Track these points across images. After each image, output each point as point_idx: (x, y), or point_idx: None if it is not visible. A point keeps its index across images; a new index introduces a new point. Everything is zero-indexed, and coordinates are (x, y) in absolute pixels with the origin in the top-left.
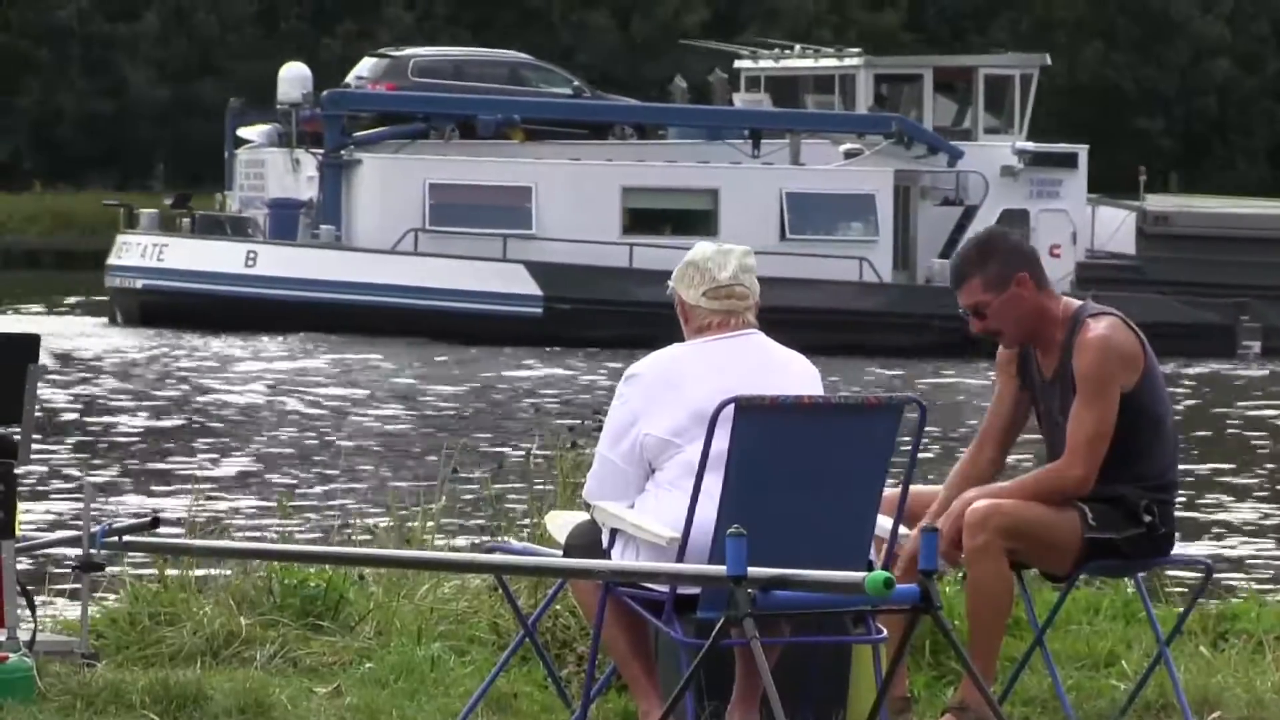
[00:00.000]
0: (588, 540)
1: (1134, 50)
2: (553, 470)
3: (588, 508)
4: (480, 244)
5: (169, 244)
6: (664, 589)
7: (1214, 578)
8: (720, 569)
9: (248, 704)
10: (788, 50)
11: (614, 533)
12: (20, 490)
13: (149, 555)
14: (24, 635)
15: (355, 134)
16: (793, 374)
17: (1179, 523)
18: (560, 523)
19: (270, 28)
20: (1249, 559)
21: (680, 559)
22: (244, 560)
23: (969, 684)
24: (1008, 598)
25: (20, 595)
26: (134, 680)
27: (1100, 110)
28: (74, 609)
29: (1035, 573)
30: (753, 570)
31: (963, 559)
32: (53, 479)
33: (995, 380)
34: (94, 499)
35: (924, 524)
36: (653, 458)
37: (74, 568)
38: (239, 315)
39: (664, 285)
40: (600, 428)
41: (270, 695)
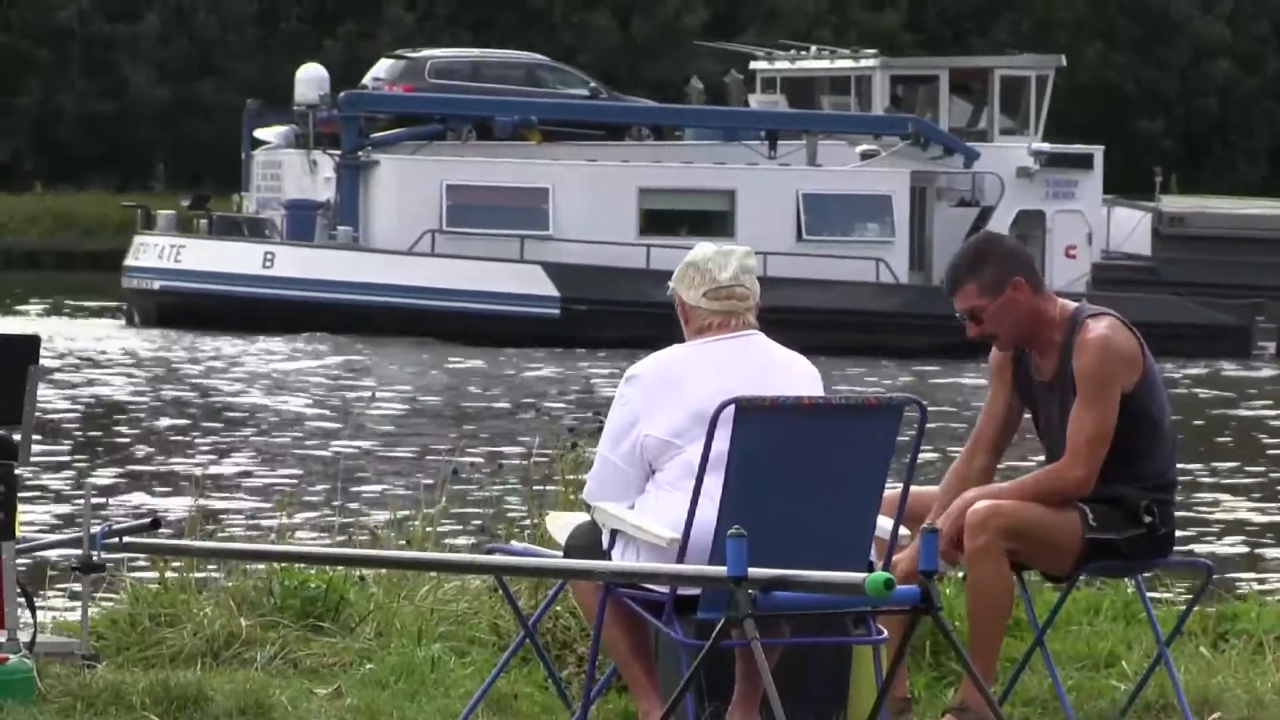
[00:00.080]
0: (588, 541)
1: (1134, 51)
2: (553, 473)
3: (588, 508)
4: (497, 245)
5: (186, 245)
6: (664, 590)
7: (1214, 578)
8: (720, 570)
9: (248, 705)
10: (803, 51)
11: (614, 534)
12: (20, 491)
13: (149, 556)
14: (24, 636)
15: (372, 135)
16: (793, 375)
17: (1179, 523)
18: (560, 524)
19: (271, 28)
20: (1249, 559)
21: (680, 560)
22: (244, 561)
23: (969, 685)
24: (1008, 599)
25: (20, 596)
26: (134, 681)
27: (1101, 111)
28: (74, 610)
29: (1035, 573)
30: (753, 571)
31: (962, 559)
32: (53, 480)
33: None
34: (94, 500)
35: (924, 526)
36: (653, 459)
37: (74, 569)
38: (256, 316)
39: None
40: (600, 429)
41: (271, 696)
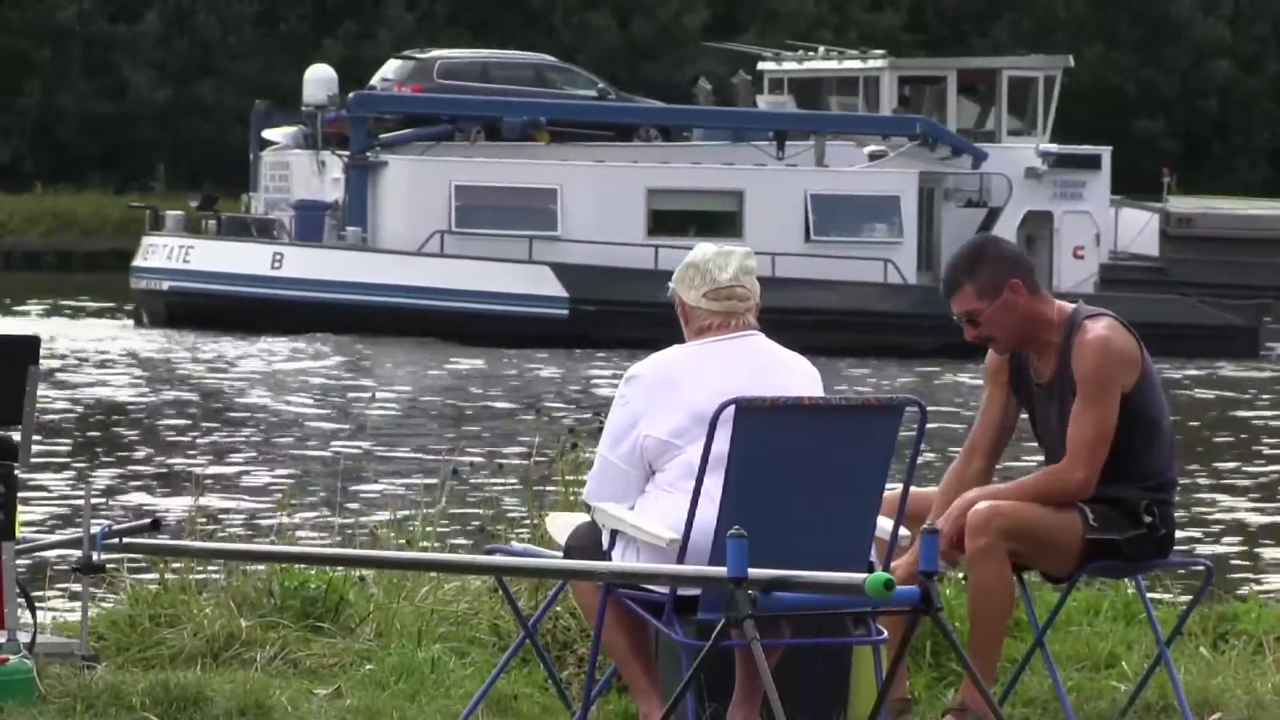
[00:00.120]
0: (588, 542)
1: (1135, 52)
2: (553, 473)
3: (588, 509)
4: (506, 246)
5: (195, 246)
6: (664, 590)
7: (1214, 578)
8: (721, 570)
9: (248, 706)
10: (811, 52)
11: (614, 534)
12: (20, 491)
13: (149, 557)
14: (24, 637)
15: (381, 136)
16: (793, 375)
17: (1179, 523)
18: (560, 524)
19: (271, 29)
20: (1249, 559)
21: (680, 560)
22: (244, 562)
23: (969, 685)
24: (1009, 600)
25: (20, 597)
26: (134, 682)
27: (1101, 112)
28: (74, 611)
29: (1035, 573)
30: (753, 571)
31: (963, 560)
32: (54, 480)
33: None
34: (94, 500)
35: (925, 527)
36: (653, 459)
37: (74, 569)
38: (265, 317)
39: None
40: (600, 429)
41: (270, 697)
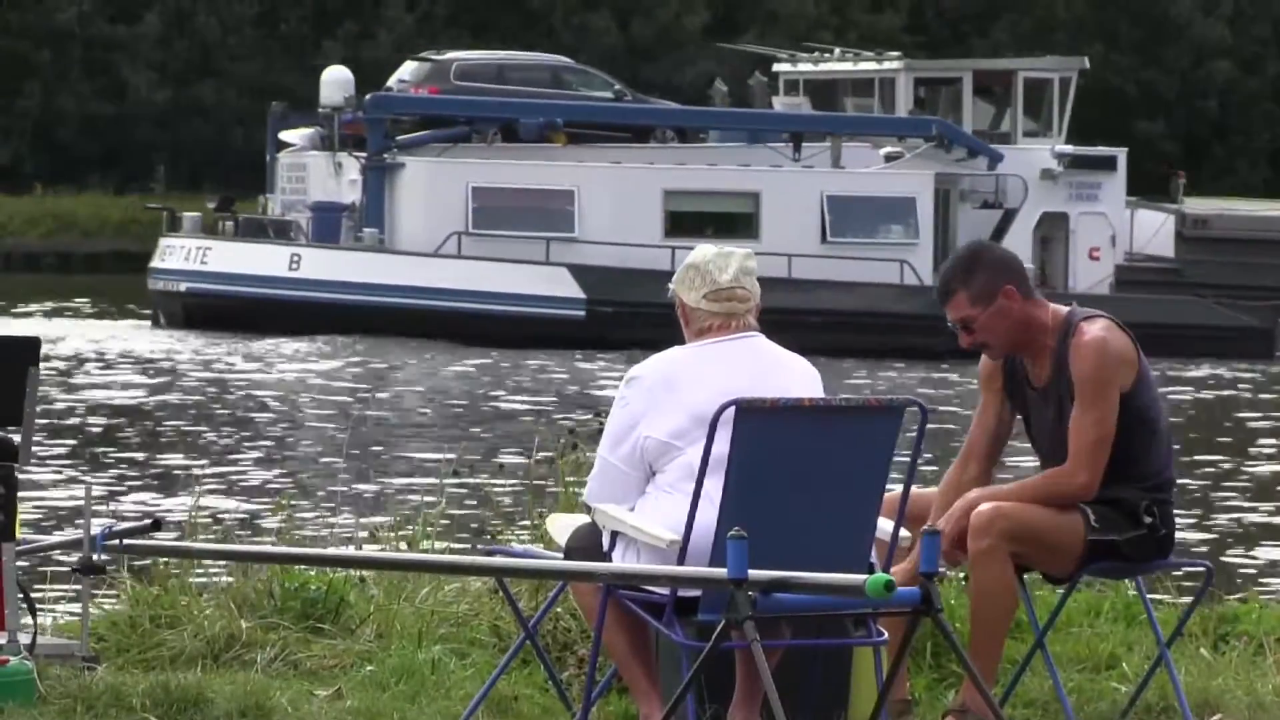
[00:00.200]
0: (588, 543)
1: (1135, 52)
2: (553, 474)
3: (588, 510)
4: (523, 247)
5: (213, 247)
6: (665, 591)
7: (1214, 579)
8: (721, 571)
9: (248, 707)
10: (826, 54)
11: (615, 535)
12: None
13: (149, 558)
14: (24, 638)
15: (398, 137)
16: (794, 376)
17: (1180, 524)
18: (561, 525)
19: (271, 30)
20: (1250, 560)
21: (681, 561)
22: (244, 563)
23: (970, 686)
24: (1011, 601)
25: (21, 598)
26: (134, 683)
27: (1101, 112)
28: (74, 612)
29: (1035, 574)
30: (753, 573)
31: (964, 561)
32: (54, 480)
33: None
34: (94, 501)
35: (925, 528)
36: (653, 460)
37: (74, 570)
38: (282, 318)
39: None
40: (601, 430)
41: (271, 698)
